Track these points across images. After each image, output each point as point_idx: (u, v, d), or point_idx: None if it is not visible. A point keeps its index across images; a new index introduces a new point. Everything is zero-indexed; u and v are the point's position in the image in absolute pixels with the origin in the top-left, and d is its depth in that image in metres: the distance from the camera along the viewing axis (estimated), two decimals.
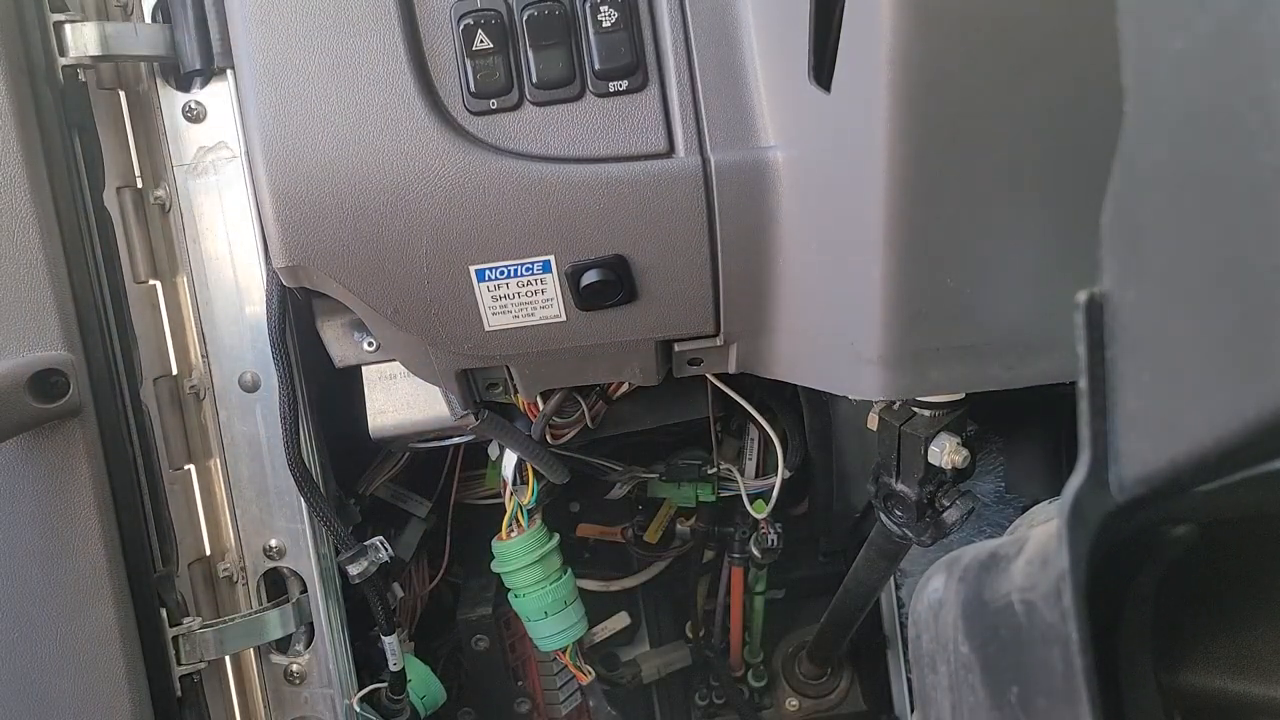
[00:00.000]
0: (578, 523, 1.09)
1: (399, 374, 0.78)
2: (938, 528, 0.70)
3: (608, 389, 0.81)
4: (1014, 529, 0.67)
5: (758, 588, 1.11)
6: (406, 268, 0.61)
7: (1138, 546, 0.38)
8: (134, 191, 0.78)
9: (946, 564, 0.43)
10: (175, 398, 0.81)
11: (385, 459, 0.93)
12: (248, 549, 0.82)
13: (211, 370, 0.80)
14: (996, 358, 0.57)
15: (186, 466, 0.82)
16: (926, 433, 0.66)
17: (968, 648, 0.39)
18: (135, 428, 0.77)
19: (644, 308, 0.63)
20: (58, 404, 0.71)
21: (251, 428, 0.80)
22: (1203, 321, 0.25)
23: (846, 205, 0.53)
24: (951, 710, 0.41)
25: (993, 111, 0.47)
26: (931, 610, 0.42)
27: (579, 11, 0.59)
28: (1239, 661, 0.43)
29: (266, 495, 0.81)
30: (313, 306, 0.72)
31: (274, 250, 0.62)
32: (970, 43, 0.45)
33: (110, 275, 0.76)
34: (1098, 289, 0.29)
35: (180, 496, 0.81)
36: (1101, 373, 0.29)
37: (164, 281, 0.80)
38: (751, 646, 1.15)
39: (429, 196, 0.60)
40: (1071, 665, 0.29)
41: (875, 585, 0.87)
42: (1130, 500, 0.30)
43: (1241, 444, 0.24)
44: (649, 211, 0.60)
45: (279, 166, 0.60)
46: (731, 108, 0.59)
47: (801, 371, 0.66)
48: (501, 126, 0.60)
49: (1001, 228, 0.52)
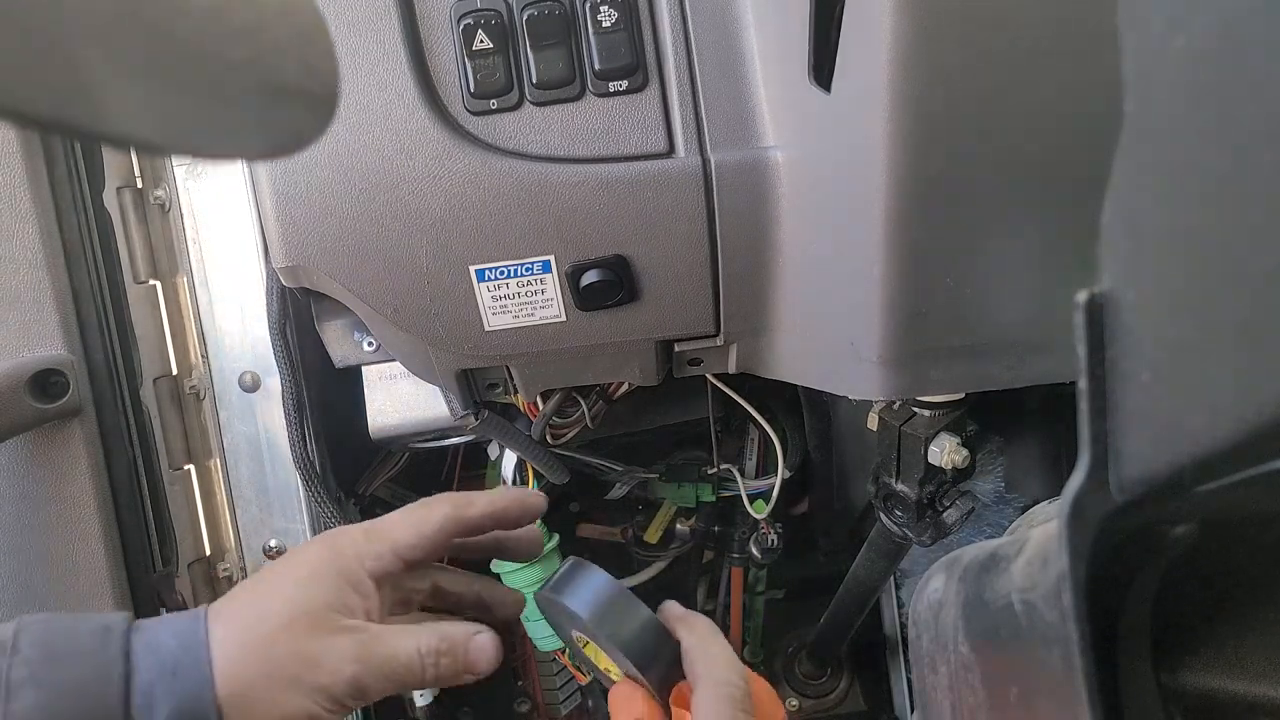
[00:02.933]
0: (578, 523, 1.09)
1: (399, 374, 0.78)
2: (938, 528, 0.70)
3: (608, 389, 0.81)
4: (1014, 529, 0.67)
5: (758, 588, 1.11)
6: (406, 267, 0.61)
7: (1138, 546, 0.38)
8: (134, 191, 0.78)
9: (946, 564, 0.43)
10: (175, 398, 0.81)
11: (385, 459, 0.93)
12: (248, 549, 0.82)
13: (211, 370, 0.80)
14: (996, 358, 0.57)
15: (186, 466, 0.82)
16: (926, 433, 0.66)
17: (968, 648, 0.39)
18: (135, 428, 0.77)
19: (644, 308, 0.63)
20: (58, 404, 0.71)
21: (251, 428, 0.80)
22: (1203, 321, 0.25)
23: (846, 205, 0.53)
24: (951, 710, 0.41)
25: (993, 111, 0.47)
26: (931, 610, 0.42)
27: (579, 11, 0.59)
28: (1239, 661, 0.43)
29: (266, 495, 0.81)
30: (312, 306, 0.72)
31: (274, 250, 0.62)
32: (970, 43, 0.45)
33: (110, 275, 0.76)
34: (1098, 289, 0.29)
35: (180, 496, 0.81)
36: (1101, 373, 0.29)
37: (164, 281, 0.80)
38: (752, 646, 1.15)
39: (429, 196, 0.60)
40: (1071, 665, 0.29)
41: (875, 585, 0.87)
42: (1130, 500, 0.30)
43: (1241, 444, 0.24)
44: (649, 211, 0.60)
45: (279, 166, 0.60)
46: (731, 108, 0.59)
47: (801, 371, 0.66)
48: (501, 126, 0.60)
49: (1002, 227, 0.52)
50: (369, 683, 0.51)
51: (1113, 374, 0.29)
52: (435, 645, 0.53)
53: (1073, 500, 0.29)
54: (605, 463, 0.92)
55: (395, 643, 0.52)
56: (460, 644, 0.55)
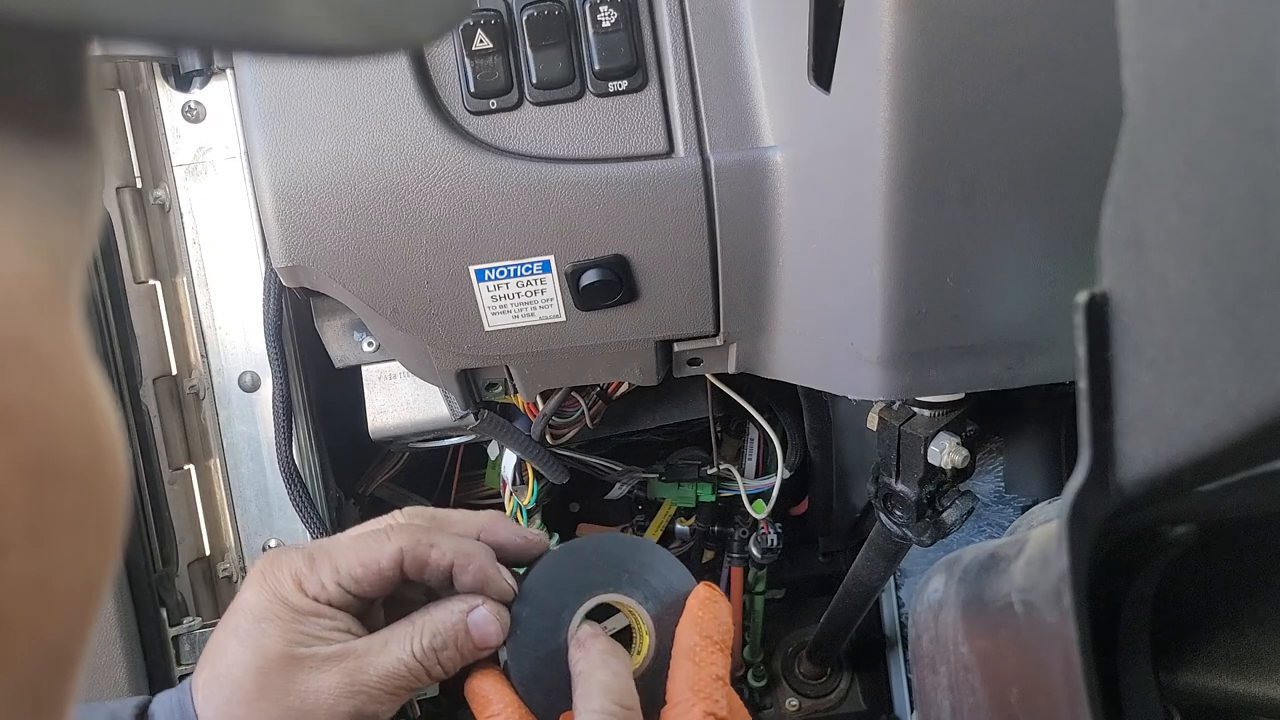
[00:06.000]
0: (578, 523, 1.09)
1: (399, 374, 0.78)
2: (937, 528, 0.70)
3: (607, 389, 0.81)
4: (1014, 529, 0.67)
5: (757, 588, 1.11)
6: (406, 268, 0.61)
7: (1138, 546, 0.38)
8: (134, 191, 0.78)
9: (946, 564, 0.43)
10: (175, 398, 0.81)
11: (385, 459, 0.93)
12: (248, 549, 0.82)
13: (211, 370, 0.80)
14: (996, 358, 0.57)
15: (186, 466, 0.82)
16: (926, 433, 0.66)
17: (968, 648, 0.39)
18: (135, 428, 0.77)
19: (644, 308, 0.63)
20: None
21: (251, 428, 0.80)
22: (1203, 321, 0.25)
23: (846, 205, 0.53)
24: (951, 711, 0.41)
25: (993, 111, 0.47)
26: (931, 611, 0.42)
27: (579, 11, 0.59)
28: (1239, 661, 0.43)
29: (266, 495, 0.81)
30: (312, 306, 0.72)
31: (274, 250, 0.62)
32: (970, 43, 0.45)
33: (110, 275, 0.76)
34: (1098, 289, 0.29)
35: (180, 496, 0.81)
36: (1102, 373, 0.29)
37: (164, 281, 0.80)
38: (751, 646, 1.15)
39: (429, 196, 0.60)
40: (1072, 665, 0.29)
41: (875, 585, 0.87)
42: (1130, 500, 0.30)
43: (1242, 444, 0.24)
44: (649, 211, 0.60)
45: (279, 166, 0.60)
46: (731, 108, 0.59)
47: (801, 371, 0.66)
48: (501, 126, 0.60)
49: (1002, 227, 0.52)
50: (373, 709, 0.48)
51: (1113, 374, 0.29)
52: (429, 644, 0.49)
53: (1073, 500, 0.29)
54: (605, 463, 0.92)
55: (387, 657, 0.48)
56: (457, 631, 0.50)
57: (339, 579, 0.49)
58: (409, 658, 0.49)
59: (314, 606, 0.48)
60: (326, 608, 0.49)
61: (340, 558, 0.49)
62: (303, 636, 0.47)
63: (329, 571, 0.49)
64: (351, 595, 0.49)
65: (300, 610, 0.48)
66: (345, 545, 0.50)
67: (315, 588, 0.48)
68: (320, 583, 0.49)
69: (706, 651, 0.51)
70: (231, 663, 0.47)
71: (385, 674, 0.48)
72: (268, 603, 0.48)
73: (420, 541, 0.50)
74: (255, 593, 0.49)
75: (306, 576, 0.49)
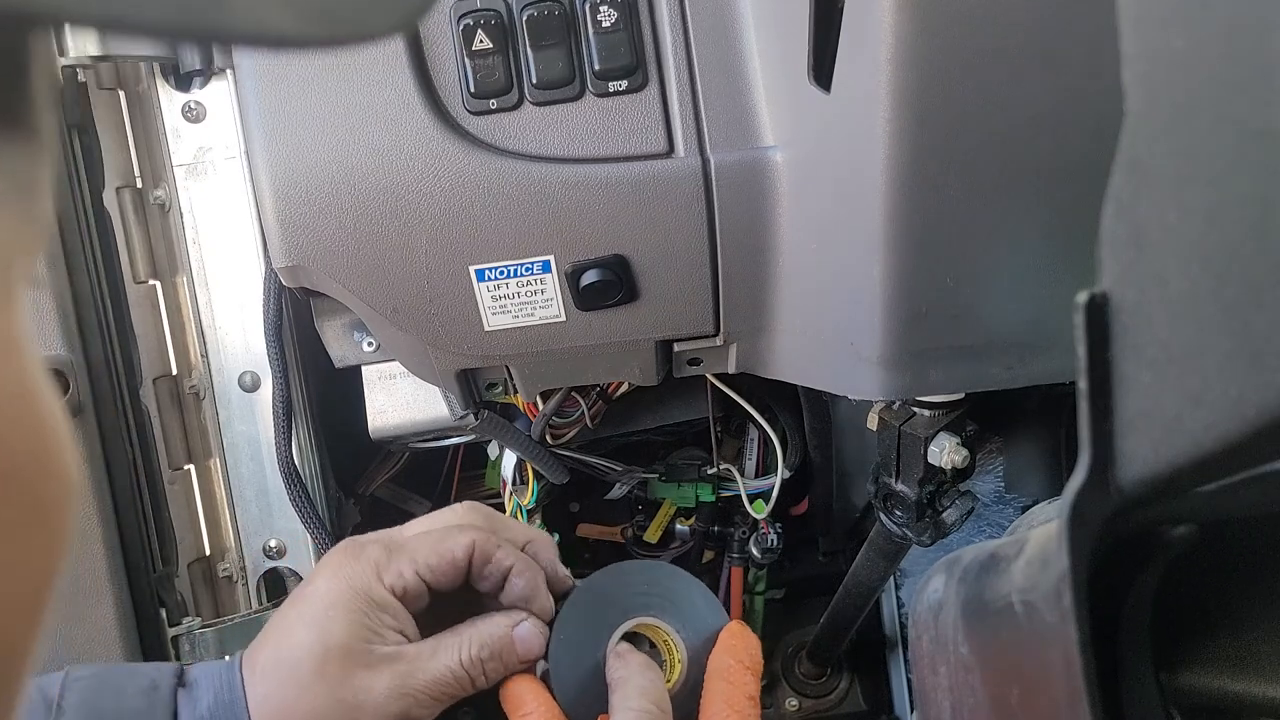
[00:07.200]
0: (578, 523, 1.09)
1: (399, 374, 0.78)
2: (937, 528, 0.70)
3: (607, 389, 0.81)
4: (1014, 529, 0.67)
5: (757, 588, 1.11)
6: (406, 268, 0.61)
7: (1138, 546, 0.38)
8: (134, 191, 0.78)
9: (946, 564, 0.43)
10: (175, 398, 0.81)
11: (385, 459, 0.93)
12: (247, 549, 0.82)
13: (211, 370, 0.80)
14: (996, 358, 0.57)
15: (186, 467, 0.82)
16: (926, 433, 0.66)
17: (968, 649, 0.39)
18: (135, 428, 0.77)
19: (644, 308, 0.63)
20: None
21: (251, 428, 0.80)
22: (1203, 321, 0.25)
23: (846, 205, 0.53)
24: (951, 711, 0.41)
25: (993, 111, 0.47)
26: (931, 611, 0.42)
27: (579, 11, 0.59)
28: (1239, 661, 0.43)
29: (266, 495, 0.81)
30: (312, 306, 0.72)
31: (274, 250, 0.62)
32: (970, 43, 0.45)
33: (110, 275, 0.76)
34: (1098, 289, 0.29)
35: (180, 496, 0.81)
36: (1102, 373, 0.29)
37: (164, 281, 0.80)
38: None
39: (429, 196, 0.60)
40: (1072, 665, 0.29)
41: (875, 585, 0.87)
42: (1131, 501, 0.30)
43: (1242, 444, 0.24)
44: (649, 211, 0.60)
45: (279, 166, 0.60)
46: (731, 108, 0.59)
47: (801, 371, 0.66)
48: (501, 126, 0.60)
49: (1002, 227, 0.52)
50: (418, 713, 0.49)
51: (1113, 374, 0.29)
52: (477, 654, 0.51)
53: (1073, 500, 0.29)
54: (605, 463, 0.92)
55: (436, 664, 0.50)
56: (503, 643, 0.52)
57: (417, 568, 0.51)
58: (456, 666, 0.50)
59: (387, 599, 0.50)
60: (396, 602, 0.50)
61: (417, 549, 0.51)
62: (366, 631, 0.49)
63: (407, 562, 0.51)
64: (426, 585, 0.51)
65: (375, 601, 0.50)
66: (419, 537, 0.52)
67: (393, 577, 0.50)
68: (399, 572, 0.50)
69: (740, 674, 0.53)
70: (295, 644, 0.49)
71: (433, 680, 0.49)
72: (340, 591, 0.50)
73: (490, 539, 0.52)
74: (328, 581, 0.50)
75: (385, 566, 0.50)
